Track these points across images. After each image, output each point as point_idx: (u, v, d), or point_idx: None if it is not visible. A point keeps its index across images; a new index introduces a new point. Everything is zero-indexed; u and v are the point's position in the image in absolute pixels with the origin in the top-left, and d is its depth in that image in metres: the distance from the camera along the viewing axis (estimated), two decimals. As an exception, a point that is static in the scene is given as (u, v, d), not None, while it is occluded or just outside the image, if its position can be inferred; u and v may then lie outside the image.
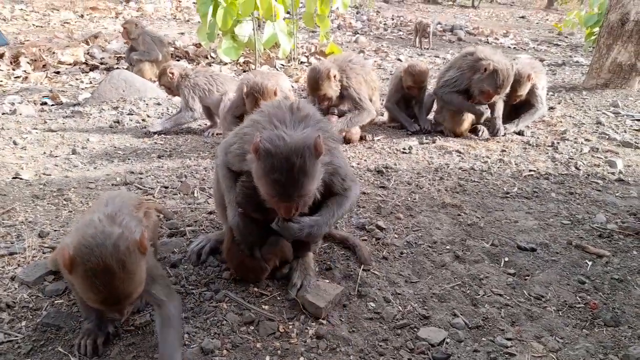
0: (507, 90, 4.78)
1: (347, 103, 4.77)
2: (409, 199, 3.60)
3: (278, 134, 2.07)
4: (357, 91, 4.67)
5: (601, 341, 2.18)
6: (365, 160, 4.43)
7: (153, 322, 2.16)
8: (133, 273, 1.74)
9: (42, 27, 11.87)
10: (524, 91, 4.99)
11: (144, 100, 6.31)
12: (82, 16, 13.50)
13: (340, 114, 4.77)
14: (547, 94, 5.95)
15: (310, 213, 2.38)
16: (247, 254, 2.46)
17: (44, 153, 4.44)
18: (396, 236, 3.05)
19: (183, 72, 5.24)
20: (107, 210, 1.99)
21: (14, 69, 8.00)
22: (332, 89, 4.56)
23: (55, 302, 2.30)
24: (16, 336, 2.06)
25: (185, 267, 2.63)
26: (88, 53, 9.15)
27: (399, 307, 2.38)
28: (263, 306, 2.33)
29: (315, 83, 4.54)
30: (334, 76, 4.51)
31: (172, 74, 5.16)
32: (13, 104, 6.11)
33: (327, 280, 2.51)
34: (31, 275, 2.42)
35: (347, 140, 4.81)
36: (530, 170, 4.20)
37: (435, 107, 5.53)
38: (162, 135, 5.09)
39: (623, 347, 2.14)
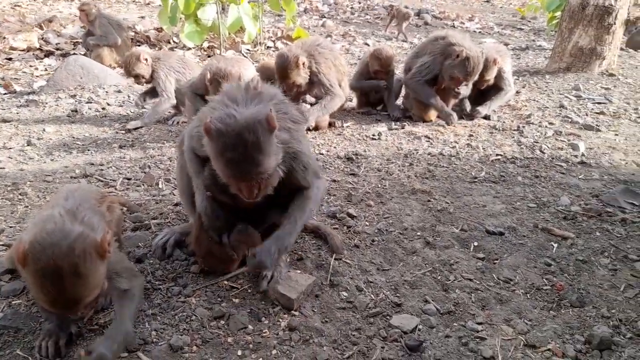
0: (476, 77, 4.82)
1: (317, 89, 4.71)
2: (379, 185, 3.59)
3: (228, 112, 2.02)
4: (326, 77, 4.61)
5: (567, 322, 2.23)
6: (334, 147, 4.39)
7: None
8: (86, 277, 1.64)
9: (-9, 10, 11.21)
10: (491, 76, 5.04)
11: (104, 88, 6.06)
12: (34, -2, 12.81)
13: (311, 103, 4.72)
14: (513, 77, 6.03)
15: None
16: (215, 241, 2.39)
17: (-3, 145, 4.21)
18: (367, 224, 3.04)
19: (153, 56, 5.03)
20: (68, 205, 1.89)
21: (-40, 55, 7.53)
22: (301, 77, 4.48)
23: (13, 302, 2.18)
24: (-32, 342, 1.94)
25: (151, 261, 2.54)
26: (42, 38, 8.70)
27: (372, 295, 2.37)
28: (233, 299, 2.27)
29: (283, 71, 4.43)
30: (303, 63, 4.43)
31: (146, 59, 4.88)
32: (-39, 92, 5.76)
33: (299, 271, 2.47)
34: (-16, 276, 2.29)
35: (316, 127, 4.76)
36: (497, 155, 4.26)
37: (403, 92, 5.53)
38: (124, 124, 4.90)
39: (588, 327, 2.19)
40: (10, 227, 2.82)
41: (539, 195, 3.49)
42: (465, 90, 5.14)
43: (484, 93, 5.35)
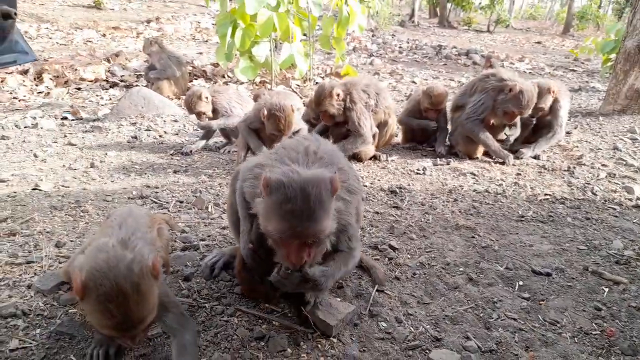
0: (530, 111, 4.79)
1: (350, 125, 4.78)
2: (423, 219, 3.59)
3: (291, 169, 1.95)
4: (357, 115, 4.69)
5: (618, 370, 2.13)
6: (378, 180, 4.43)
7: (165, 334, 2.17)
8: (147, 296, 1.71)
9: (65, 45, 12.24)
10: (546, 104, 4.98)
11: (162, 117, 6.44)
12: (104, 35, 13.89)
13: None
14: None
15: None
16: (257, 281, 2.43)
17: (63, 166, 4.54)
18: (409, 257, 3.03)
19: (212, 90, 5.35)
20: (121, 235, 1.98)
21: (37, 85, 8.24)
22: (333, 107, 4.64)
23: (69, 311, 2.32)
24: (30, 343, 2.08)
25: (198, 280, 2.64)
26: (109, 71, 9.40)
27: (411, 327, 2.35)
28: (274, 322, 2.32)
29: (317, 99, 4.67)
30: (337, 95, 4.60)
31: (207, 97, 5.15)
32: (35, 118, 6.28)
33: (339, 299, 2.49)
34: (47, 284, 2.45)
35: (359, 158, 4.85)
36: (545, 194, 4.16)
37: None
38: (178, 151, 5.17)
39: (641, 376, 2.08)
40: (72, 241, 3.02)
41: (590, 238, 3.37)
42: (514, 131, 5.13)
43: (534, 133, 5.28)
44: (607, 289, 2.74)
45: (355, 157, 4.85)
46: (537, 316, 2.49)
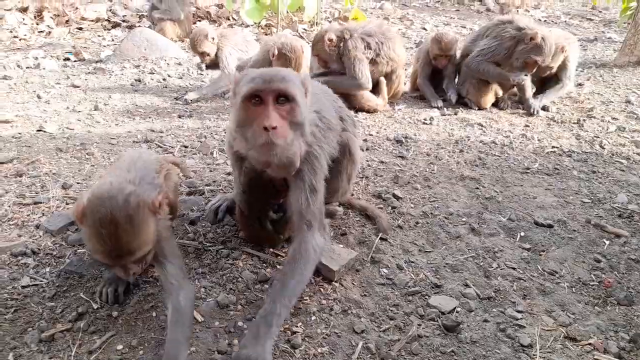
0: (550, 59, 4.67)
1: (347, 72, 4.67)
2: (427, 169, 3.58)
3: None
4: (352, 62, 4.58)
5: (613, 319, 2.17)
6: (385, 129, 4.39)
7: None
8: (139, 229, 1.75)
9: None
10: (555, 64, 4.84)
11: (165, 60, 6.31)
12: (105, -28, 13.35)
13: None
14: (576, 70, 5.77)
15: None
16: (258, 226, 2.48)
17: (67, 108, 4.50)
18: (412, 206, 3.05)
19: (219, 33, 5.23)
20: (129, 177, 2.01)
21: (37, 24, 8.04)
22: (325, 52, 4.62)
23: (78, 251, 2.38)
24: (41, 281, 2.14)
25: (203, 224, 2.68)
26: (110, 10, 9.12)
27: (412, 274, 2.40)
28: (278, 266, 2.37)
29: (312, 44, 4.72)
30: (330, 40, 4.54)
31: (213, 38, 5.08)
32: (37, 58, 6.17)
33: (342, 245, 2.53)
34: (55, 225, 2.50)
35: (357, 109, 4.75)
36: (553, 147, 4.12)
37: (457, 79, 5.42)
38: (182, 94, 5.10)
39: (635, 326, 2.13)
40: (78, 183, 3.04)
41: (595, 191, 3.36)
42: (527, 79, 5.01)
43: (542, 83, 5.16)
44: (607, 242, 2.76)
45: (361, 109, 4.77)
46: (536, 266, 2.53)
